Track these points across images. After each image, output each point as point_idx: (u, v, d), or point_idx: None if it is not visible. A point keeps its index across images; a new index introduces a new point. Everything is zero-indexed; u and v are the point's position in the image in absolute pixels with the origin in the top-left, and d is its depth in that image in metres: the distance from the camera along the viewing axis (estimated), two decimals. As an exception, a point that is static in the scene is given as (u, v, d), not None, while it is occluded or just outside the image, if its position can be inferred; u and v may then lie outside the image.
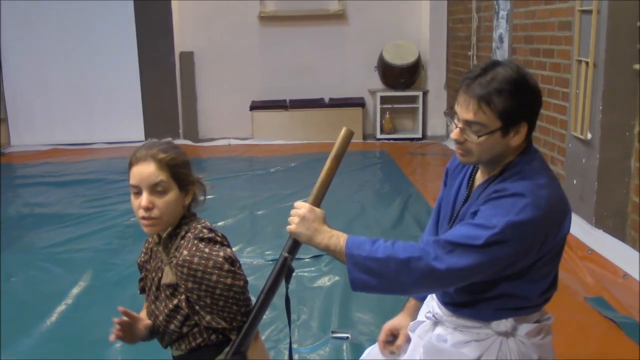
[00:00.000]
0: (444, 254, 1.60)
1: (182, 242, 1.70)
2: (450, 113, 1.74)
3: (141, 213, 1.67)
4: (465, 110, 1.66)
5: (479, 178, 1.82)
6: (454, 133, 1.71)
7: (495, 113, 1.63)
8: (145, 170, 1.66)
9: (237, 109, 8.06)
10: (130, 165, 1.70)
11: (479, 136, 1.66)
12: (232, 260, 1.70)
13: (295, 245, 1.75)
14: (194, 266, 1.64)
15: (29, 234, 4.50)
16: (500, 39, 5.84)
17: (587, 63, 3.96)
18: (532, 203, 1.60)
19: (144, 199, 1.66)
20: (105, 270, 3.76)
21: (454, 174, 1.95)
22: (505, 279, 1.70)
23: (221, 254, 1.67)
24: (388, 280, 1.62)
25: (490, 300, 1.76)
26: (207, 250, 1.66)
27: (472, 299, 1.77)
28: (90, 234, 4.44)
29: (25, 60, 7.75)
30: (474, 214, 1.68)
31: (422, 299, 2.12)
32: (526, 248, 1.62)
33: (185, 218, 1.76)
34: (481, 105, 1.63)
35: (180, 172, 1.70)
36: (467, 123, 1.67)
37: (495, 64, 1.67)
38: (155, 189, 1.66)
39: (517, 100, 1.63)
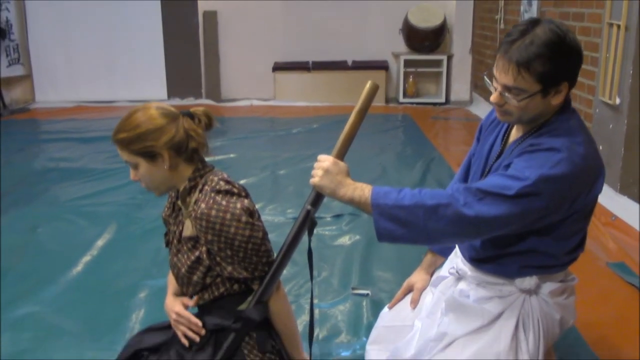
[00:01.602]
0: (474, 201, 1.59)
1: (200, 195, 1.71)
2: (490, 75, 1.72)
3: None
4: (504, 76, 1.64)
5: (514, 134, 1.81)
6: (494, 96, 1.69)
7: (534, 77, 1.60)
8: (117, 150, 1.74)
9: (259, 70, 8.03)
10: None
11: (519, 101, 1.64)
12: (251, 212, 1.71)
13: (318, 198, 1.75)
14: (212, 219, 1.65)
15: (54, 187, 4.56)
16: (529, 2, 5.72)
17: (618, 26, 3.87)
18: (567, 158, 1.59)
19: (130, 174, 1.76)
20: (128, 223, 3.81)
21: (488, 129, 1.94)
22: (533, 234, 1.70)
23: (238, 205, 1.67)
24: (415, 228, 1.62)
25: (515, 255, 1.75)
26: (224, 202, 1.67)
27: (498, 253, 1.77)
28: (114, 188, 4.49)
29: (49, 19, 7.77)
30: (507, 166, 1.66)
31: (441, 253, 2.12)
32: (557, 203, 1.60)
33: (199, 170, 1.76)
34: (521, 70, 1.60)
35: (139, 148, 1.68)
36: (507, 88, 1.65)
37: (534, 24, 1.63)
38: (130, 165, 1.73)
39: (556, 63, 1.60)
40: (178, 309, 1.81)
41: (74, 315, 2.76)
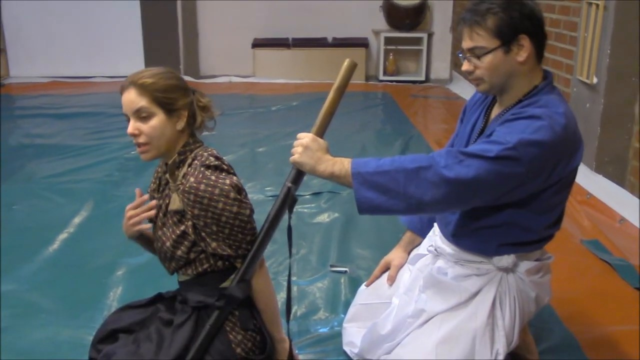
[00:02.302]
0: (455, 163, 1.60)
1: (189, 169, 1.71)
2: (462, 51, 1.78)
3: (133, 140, 1.71)
4: (464, 40, 1.74)
5: (496, 111, 1.83)
6: (463, 65, 1.76)
7: (489, 32, 1.68)
8: (128, 97, 1.69)
9: (239, 46, 7.94)
10: (120, 94, 1.73)
11: (480, 58, 1.70)
12: (239, 189, 1.71)
13: (298, 175, 1.76)
14: (200, 193, 1.64)
15: (30, 164, 4.49)
16: (510, -20, 5.71)
17: (597, 5, 3.89)
18: (547, 126, 1.62)
19: (130, 126, 1.70)
20: (106, 201, 3.78)
21: (472, 109, 1.96)
22: (512, 206, 1.71)
23: (227, 181, 1.68)
24: (396, 194, 1.62)
25: (495, 228, 1.76)
26: (213, 177, 1.67)
27: (477, 226, 1.78)
28: (91, 165, 4.44)
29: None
30: (490, 135, 1.69)
31: (419, 232, 2.14)
32: (536, 170, 1.62)
33: (189, 144, 1.76)
34: (474, 28, 1.69)
35: (162, 97, 1.68)
36: (469, 51, 1.73)
37: None
38: (139, 114, 1.68)
39: (507, 15, 1.67)
40: (126, 209, 1.82)
41: (51, 293, 2.73)
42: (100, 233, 3.35)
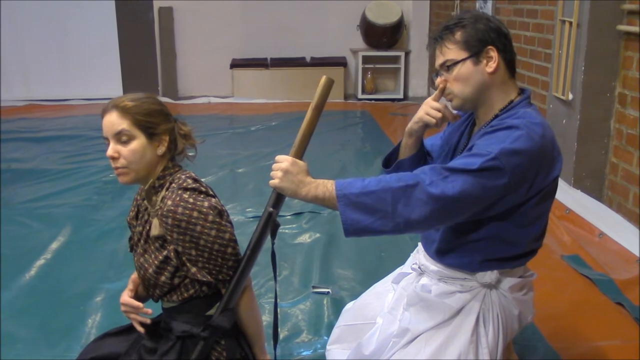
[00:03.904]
0: (439, 179, 1.60)
1: (167, 192, 1.68)
2: (435, 72, 1.81)
3: (111, 163, 1.70)
4: (437, 58, 1.78)
5: (476, 128, 1.85)
6: (437, 82, 1.78)
7: (458, 45, 1.73)
8: (109, 120, 1.68)
9: (217, 67, 7.95)
10: (101, 117, 1.71)
11: (450, 67, 1.73)
12: (219, 211, 1.68)
13: (279, 199, 1.74)
14: (178, 216, 1.62)
15: (6, 189, 4.42)
16: (484, -1, 5.80)
17: (570, 23, 3.95)
18: (526, 135, 1.63)
19: (109, 148, 1.68)
20: (84, 225, 3.73)
21: (455, 127, 1.97)
22: (494, 219, 1.71)
23: (205, 204, 1.65)
24: (384, 214, 1.60)
25: (478, 243, 1.76)
26: (191, 200, 1.64)
27: (461, 241, 1.78)
28: (68, 189, 4.39)
29: (-1, 13, 7.55)
30: (471, 149, 1.69)
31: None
32: (518, 179, 1.63)
33: (168, 169, 1.74)
34: (444, 43, 1.75)
35: (144, 120, 1.67)
36: (442, 67, 1.76)
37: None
38: (119, 138, 1.67)
39: (473, 28, 1.73)
40: (122, 299, 1.79)
41: (28, 321, 2.68)
42: (79, 258, 3.30)
